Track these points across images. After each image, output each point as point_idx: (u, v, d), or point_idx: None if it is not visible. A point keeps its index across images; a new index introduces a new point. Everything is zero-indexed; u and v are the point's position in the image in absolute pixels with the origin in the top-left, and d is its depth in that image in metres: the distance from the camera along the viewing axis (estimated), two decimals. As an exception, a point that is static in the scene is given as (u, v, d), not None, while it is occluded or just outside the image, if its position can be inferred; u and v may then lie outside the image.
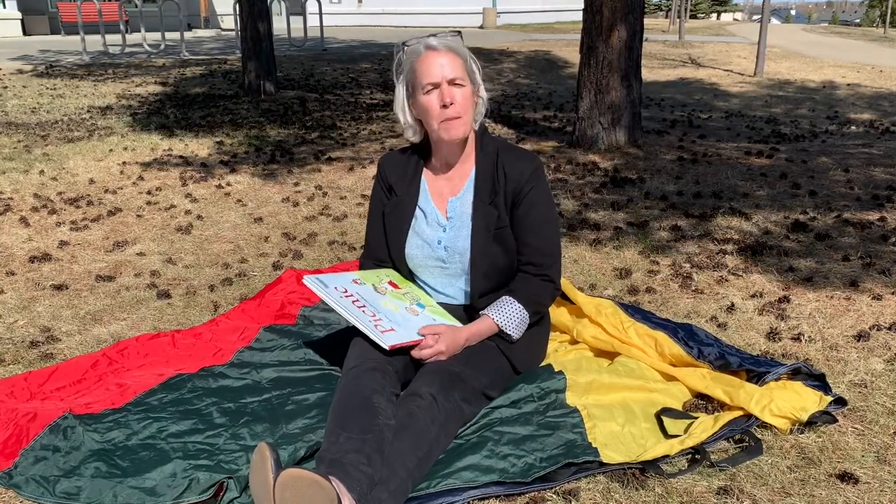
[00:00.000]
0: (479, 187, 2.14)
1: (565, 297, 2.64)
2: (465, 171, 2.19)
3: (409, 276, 2.27)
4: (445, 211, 2.18)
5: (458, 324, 2.11)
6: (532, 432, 1.95)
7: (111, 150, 5.97)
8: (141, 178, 5.11)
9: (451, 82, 2.01)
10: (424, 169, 2.23)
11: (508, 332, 2.10)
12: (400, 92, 2.11)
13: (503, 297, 2.13)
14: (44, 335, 2.68)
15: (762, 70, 11.69)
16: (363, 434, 1.70)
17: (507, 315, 2.10)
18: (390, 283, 2.20)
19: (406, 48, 2.08)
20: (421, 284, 2.26)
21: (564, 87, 10.46)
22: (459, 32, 2.11)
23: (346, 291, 2.06)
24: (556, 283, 2.17)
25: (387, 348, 1.93)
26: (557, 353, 2.44)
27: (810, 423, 2.02)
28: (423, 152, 2.24)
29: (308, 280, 2.06)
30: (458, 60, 2.03)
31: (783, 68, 12.59)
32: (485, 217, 2.12)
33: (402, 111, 2.13)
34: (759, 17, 12.26)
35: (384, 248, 2.25)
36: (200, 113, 7.96)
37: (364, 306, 2.03)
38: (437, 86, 2.01)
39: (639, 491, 1.78)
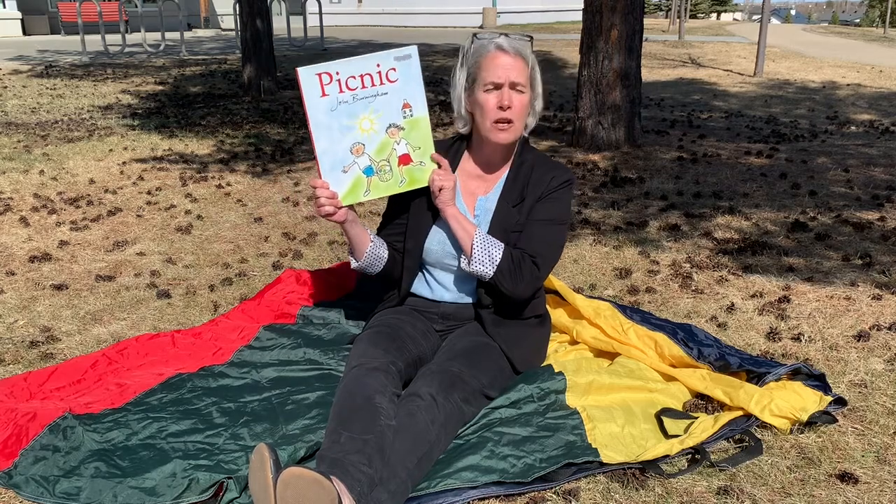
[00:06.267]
0: (506, 189, 2.16)
1: (563, 300, 2.64)
2: (500, 173, 2.20)
3: (414, 269, 2.24)
4: (473, 209, 2.19)
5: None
6: (532, 434, 1.95)
7: (111, 150, 5.97)
8: (141, 177, 5.10)
9: (513, 87, 2.01)
10: (459, 167, 2.23)
11: (472, 250, 2.04)
12: (460, 82, 2.10)
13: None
14: (44, 335, 2.68)
15: (762, 70, 11.68)
16: (364, 434, 1.70)
17: (488, 244, 2.06)
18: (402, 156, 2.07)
19: (476, 40, 2.07)
20: (432, 281, 2.25)
21: (564, 87, 10.46)
22: (531, 38, 2.08)
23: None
24: (540, 274, 2.11)
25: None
26: (557, 353, 2.44)
27: (810, 423, 2.02)
28: (461, 147, 2.23)
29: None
30: (524, 67, 2.02)
31: (783, 68, 12.58)
32: (505, 217, 2.13)
33: (458, 101, 2.12)
34: (759, 17, 12.26)
35: (401, 233, 2.22)
36: (200, 113, 7.96)
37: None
38: (498, 87, 2.01)
39: (639, 491, 1.78)
